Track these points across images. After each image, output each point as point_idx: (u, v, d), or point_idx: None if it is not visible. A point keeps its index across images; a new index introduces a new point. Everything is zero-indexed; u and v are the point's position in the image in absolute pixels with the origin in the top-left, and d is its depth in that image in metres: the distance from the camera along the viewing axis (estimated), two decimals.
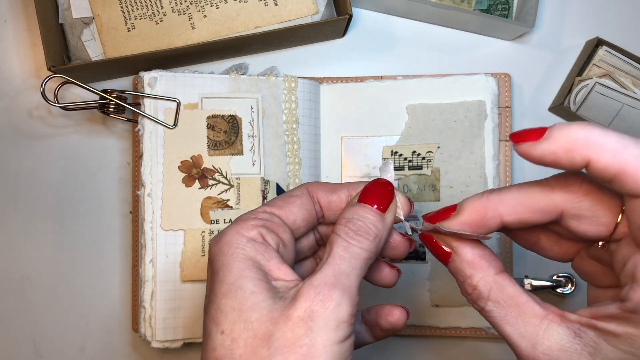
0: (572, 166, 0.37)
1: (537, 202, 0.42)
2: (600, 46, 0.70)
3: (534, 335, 0.40)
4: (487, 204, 0.43)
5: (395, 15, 0.74)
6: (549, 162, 0.39)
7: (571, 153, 0.37)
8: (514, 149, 0.41)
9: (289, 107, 0.69)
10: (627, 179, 0.35)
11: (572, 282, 0.69)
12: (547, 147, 0.39)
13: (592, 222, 0.40)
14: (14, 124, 0.72)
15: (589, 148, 0.36)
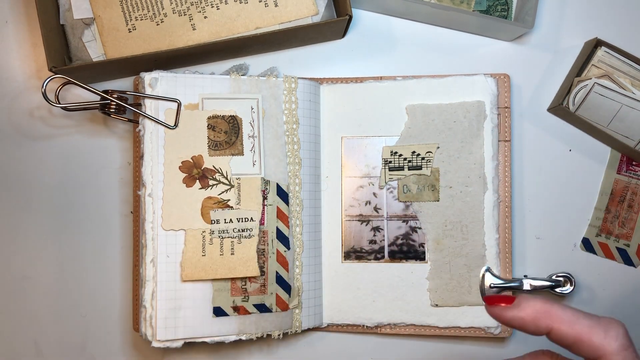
0: (536, 331, 0.45)
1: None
2: (599, 47, 0.70)
3: None
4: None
5: (394, 16, 0.74)
6: (517, 326, 0.46)
7: (537, 321, 0.45)
8: (486, 309, 0.48)
9: (289, 107, 0.69)
10: (583, 345, 0.43)
11: (571, 282, 0.69)
12: (517, 314, 0.46)
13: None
14: (15, 124, 0.73)
15: (551, 319, 0.44)
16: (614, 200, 0.72)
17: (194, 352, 0.71)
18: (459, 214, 0.69)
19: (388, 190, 0.70)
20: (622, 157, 0.72)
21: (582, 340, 0.43)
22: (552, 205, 0.73)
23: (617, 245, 0.72)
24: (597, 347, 0.43)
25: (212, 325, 0.65)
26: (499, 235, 0.69)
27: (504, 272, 0.69)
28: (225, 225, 0.66)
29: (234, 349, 0.72)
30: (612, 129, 0.70)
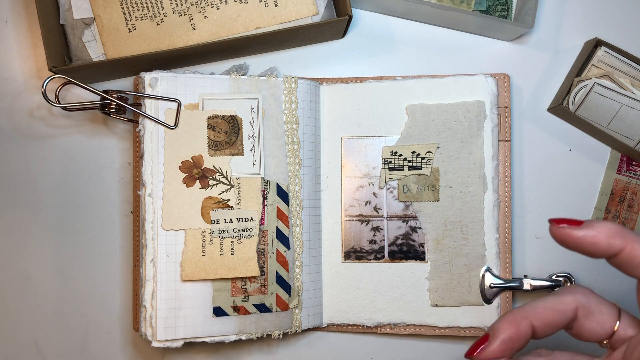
0: (607, 250, 0.45)
1: (557, 305, 0.47)
2: (599, 47, 0.70)
3: None
4: (517, 315, 0.47)
5: (394, 16, 0.74)
6: (587, 245, 0.45)
7: (612, 239, 0.44)
8: (552, 230, 0.47)
9: (289, 107, 0.69)
10: None
11: (571, 281, 0.69)
12: (589, 232, 0.45)
13: (599, 319, 0.47)
14: (15, 124, 0.73)
15: (626, 238, 0.44)
16: (614, 200, 0.72)
17: (194, 352, 0.72)
18: (459, 214, 0.69)
19: (388, 190, 0.70)
20: (622, 157, 0.72)
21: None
22: (552, 205, 0.73)
23: None
24: None
25: (212, 325, 0.65)
26: (499, 235, 0.69)
27: (504, 272, 0.69)
28: (225, 225, 0.66)
29: (234, 349, 0.72)
30: (612, 129, 0.70)
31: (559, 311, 0.47)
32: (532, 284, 0.68)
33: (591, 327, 0.48)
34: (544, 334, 0.48)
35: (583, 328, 0.48)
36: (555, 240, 0.47)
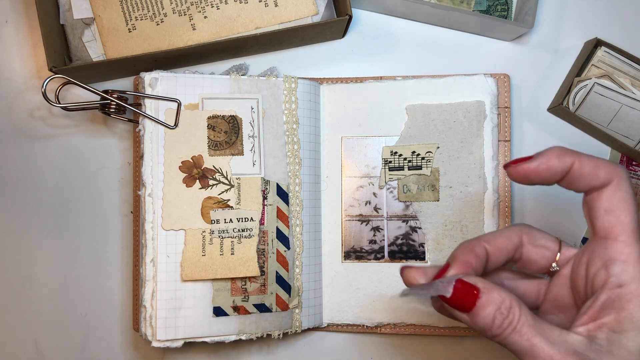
0: (562, 168, 0.48)
1: (505, 232, 0.51)
2: (599, 47, 0.70)
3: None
4: (471, 241, 0.50)
5: (394, 16, 0.74)
6: (543, 171, 0.48)
7: (562, 157, 0.47)
8: (511, 173, 0.50)
9: (289, 107, 0.69)
10: (600, 171, 0.47)
11: None
12: (541, 159, 0.48)
13: (542, 243, 0.52)
14: (16, 124, 0.73)
15: (572, 154, 0.48)
16: None
17: (194, 352, 0.72)
18: (458, 214, 0.69)
19: (388, 190, 0.70)
20: (622, 157, 0.72)
21: (600, 166, 0.47)
22: (552, 205, 0.73)
23: None
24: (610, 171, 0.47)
25: (212, 325, 0.65)
26: None
27: None
28: (225, 225, 0.66)
29: (234, 348, 0.72)
30: (612, 129, 0.70)
31: (507, 236, 0.51)
32: None
33: (537, 254, 0.51)
34: (496, 259, 0.50)
35: (530, 258, 0.52)
36: (516, 180, 0.50)
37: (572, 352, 0.44)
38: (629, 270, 0.45)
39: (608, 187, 0.47)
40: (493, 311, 0.45)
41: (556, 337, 0.45)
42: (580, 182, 0.48)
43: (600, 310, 0.45)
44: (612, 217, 0.46)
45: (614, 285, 0.45)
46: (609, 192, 0.47)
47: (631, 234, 0.46)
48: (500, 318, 0.45)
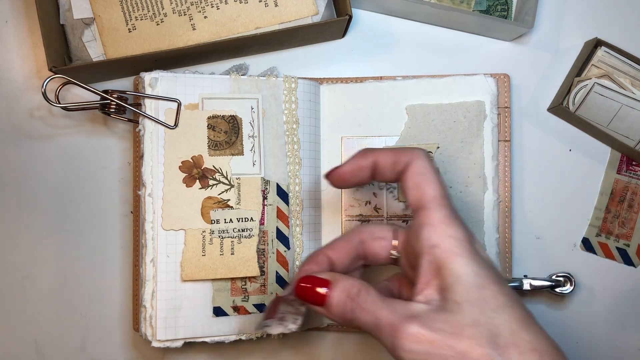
0: (368, 164, 0.55)
1: (347, 235, 0.57)
2: (599, 47, 0.70)
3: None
4: (314, 253, 0.57)
5: (394, 16, 0.74)
6: (354, 170, 0.56)
7: (366, 155, 0.55)
8: (331, 180, 0.58)
9: (289, 107, 0.69)
10: (401, 158, 0.53)
11: (571, 281, 0.69)
12: (351, 161, 0.56)
13: (380, 235, 0.56)
14: (15, 124, 0.73)
15: (373, 152, 0.55)
16: (614, 200, 0.72)
17: (194, 352, 0.72)
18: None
19: (388, 190, 0.70)
20: (622, 157, 0.72)
21: (400, 153, 0.54)
22: (552, 205, 0.73)
23: (617, 245, 0.72)
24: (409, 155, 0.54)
25: (212, 325, 0.65)
26: (498, 235, 0.69)
27: (504, 272, 0.69)
28: (225, 225, 0.66)
29: (234, 349, 0.72)
30: (612, 129, 0.70)
31: (346, 239, 0.57)
32: (532, 283, 0.68)
33: (377, 247, 0.56)
34: (341, 261, 0.56)
35: (373, 251, 0.56)
36: (336, 185, 0.58)
37: (412, 316, 0.47)
38: (438, 231, 0.49)
39: (410, 168, 0.53)
40: (344, 298, 0.51)
41: (399, 308, 0.48)
42: (387, 172, 0.55)
43: (429, 274, 0.49)
44: (417, 192, 0.52)
45: (428, 247, 0.49)
46: (411, 172, 0.53)
47: (435, 201, 0.51)
48: (350, 302, 0.50)
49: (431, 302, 0.48)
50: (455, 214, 0.51)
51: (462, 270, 0.48)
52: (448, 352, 0.45)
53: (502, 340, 0.45)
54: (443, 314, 0.47)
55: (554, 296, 0.72)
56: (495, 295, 0.47)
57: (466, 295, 0.47)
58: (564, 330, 0.72)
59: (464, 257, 0.48)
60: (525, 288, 0.68)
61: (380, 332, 0.49)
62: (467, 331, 0.46)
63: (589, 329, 0.72)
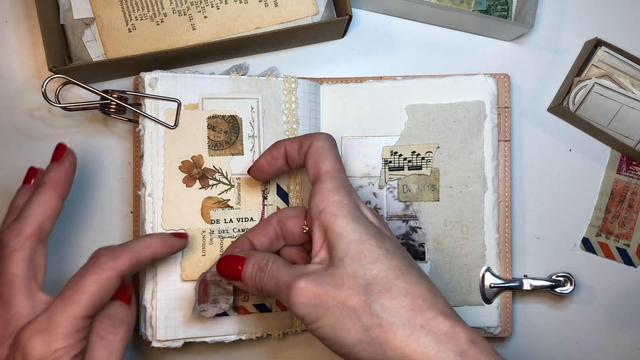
0: (280, 152, 0.61)
1: (266, 225, 0.62)
2: (599, 47, 0.70)
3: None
4: (238, 239, 0.62)
5: (394, 16, 0.74)
6: (270, 161, 0.62)
7: (278, 145, 0.61)
8: (252, 174, 0.64)
9: (289, 107, 0.69)
10: (304, 142, 0.59)
11: (571, 281, 0.69)
12: (266, 153, 0.62)
13: (293, 215, 0.61)
14: (16, 124, 0.73)
15: (284, 141, 0.61)
16: (614, 200, 0.72)
17: (194, 352, 0.71)
18: (458, 214, 0.69)
19: (388, 190, 0.70)
20: (622, 157, 0.72)
21: (303, 138, 0.60)
22: (552, 205, 0.73)
23: (617, 245, 0.72)
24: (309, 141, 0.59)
25: (212, 325, 0.65)
26: (499, 235, 0.69)
27: (504, 272, 0.69)
28: (225, 225, 0.66)
29: (235, 349, 0.72)
30: (612, 129, 0.70)
31: (264, 222, 0.62)
32: (532, 283, 0.69)
33: (292, 225, 0.61)
34: (261, 242, 0.61)
35: (288, 230, 0.61)
36: (258, 178, 0.64)
37: (305, 274, 0.52)
38: (324, 198, 0.55)
39: (310, 149, 0.58)
40: (255, 269, 0.56)
41: (297, 270, 0.53)
42: (295, 156, 0.60)
43: (320, 238, 0.55)
44: (315, 168, 0.57)
45: (317, 213, 0.55)
46: (310, 152, 0.58)
47: (327, 174, 0.56)
48: (259, 272, 0.55)
49: (323, 262, 0.54)
50: (344, 184, 0.57)
51: (343, 228, 0.53)
52: (331, 302, 0.50)
53: (376, 288, 0.50)
54: (330, 269, 0.52)
55: (554, 296, 0.71)
56: (372, 248, 0.52)
57: (347, 250, 0.52)
58: (564, 330, 0.72)
59: (344, 217, 0.53)
60: (526, 288, 0.68)
61: (280, 292, 0.53)
62: (347, 282, 0.51)
63: (588, 329, 0.72)
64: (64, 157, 0.61)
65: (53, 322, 0.51)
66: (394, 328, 0.49)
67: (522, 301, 0.72)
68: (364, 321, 0.50)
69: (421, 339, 0.49)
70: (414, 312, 0.50)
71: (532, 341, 0.72)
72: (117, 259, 0.55)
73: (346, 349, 0.51)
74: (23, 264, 0.55)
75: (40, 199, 0.58)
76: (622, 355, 0.72)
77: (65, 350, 0.51)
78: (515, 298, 0.72)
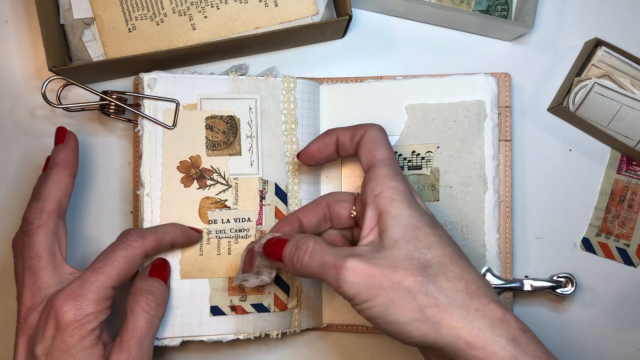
0: (332, 140, 0.63)
1: (315, 206, 0.64)
2: (599, 47, 0.70)
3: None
4: (287, 215, 0.65)
5: (394, 15, 0.74)
6: (321, 147, 0.64)
7: (330, 133, 0.63)
8: (302, 159, 0.65)
9: (288, 107, 0.69)
10: (357, 131, 0.62)
11: (572, 282, 0.69)
12: (317, 140, 0.64)
13: (345, 203, 0.64)
14: (16, 123, 0.73)
15: (336, 129, 0.63)
16: (613, 200, 0.72)
17: (192, 351, 0.72)
18: (459, 214, 0.69)
19: None
20: (622, 157, 0.72)
21: (356, 127, 0.62)
22: (552, 205, 0.73)
23: (617, 245, 0.72)
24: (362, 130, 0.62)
25: (210, 324, 0.66)
26: (499, 235, 0.69)
27: (505, 273, 0.69)
28: (223, 225, 0.66)
29: (232, 348, 0.72)
30: (612, 129, 0.70)
31: (315, 203, 0.65)
32: (533, 284, 0.68)
33: (340, 208, 0.63)
34: (309, 222, 0.63)
35: (337, 213, 0.64)
36: (308, 164, 0.66)
37: (353, 255, 0.53)
38: (380, 183, 0.56)
39: (363, 137, 0.61)
40: (295, 249, 0.57)
41: (343, 252, 0.54)
42: (347, 144, 0.62)
43: (372, 221, 0.56)
44: (369, 156, 0.59)
45: (372, 197, 0.56)
46: (364, 140, 0.60)
47: (382, 161, 0.58)
48: (296, 251, 0.56)
49: (372, 244, 0.55)
50: (398, 172, 0.58)
51: (400, 212, 0.55)
52: (385, 282, 0.51)
53: (432, 270, 0.52)
54: (382, 251, 0.53)
55: (555, 297, 0.71)
56: (427, 235, 0.54)
57: (402, 234, 0.53)
58: (564, 330, 0.72)
59: (401, 202, 0.55)
60: (526, 289, 0.68)
61: (327, 273, 0.54)
62: (402, 264, 0.52)
63: (588, 329, 0.72)
64: (67, 139, 0.64)
65: (85, 289, 0.56)
66: (450, 308, 0.51)
67: (523, 302, 0.72)
68: (419, 300, 0.51)
69: (476, 321, 0.50)
70: (469, 296, 0.51)
71: None
72: (144, 239, 0.60)
73: (399, 327, 0.52)
74: (48, 238, 0.59)
75: (54, 178, 0.61)
76: (622, 355, 0.72)
77: (95, 316, 0.55)
78: (516, 299, 0.72)
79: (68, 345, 0.54)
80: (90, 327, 0.55)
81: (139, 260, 0.59)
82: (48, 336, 0.55)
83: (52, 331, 0.55)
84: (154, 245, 0.60)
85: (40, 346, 0.55)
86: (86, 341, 0.55)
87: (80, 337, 0.54)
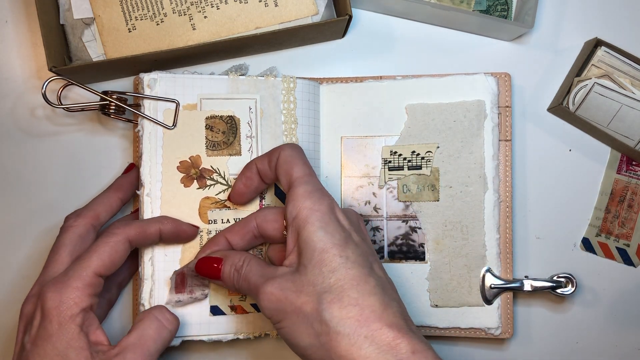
0: (254, 172, 0.64)
1: (245, 224, 0.64)
2: (599, 47, 0.70)
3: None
4: (215, 236, 0.65)
5: (394, 15, 0.74)
6: (247, 183, 0.65)
7: (250, 167, 0.64)
8: (233, 202, 0.66)
9: (288, 107, 0.69)
10: (272, 156, 0.62)
11: (572, 282, 0.69)
12: (239, 179, 0.65)
13: (274, 223, 0.62)
14: (17, 123, 0.73)
15: (254, 161, 0.64)
16: (613, 200, 0.72)
17: (192, 350, 0.72)
18: (459, 214, 0.69)
19: (388, 190, 0.70)
20: (622, 157, 0.72)
21: (270, 152, 0.63)
22: (552, 205, 0.73)
23: (617, 245, 0.72)
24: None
25: (210, 324, 0.66)
26: (499, 235, 0.69)
27: (505, 273, 0.69)
28: (223, 225, 0.66)
29: (232, 348, 0.72)
30: (612, 129, 0.70)
31: (245, 224, 0.63)
32: (533, 284, 0.68)
33: (270, 229, 0.62)
34: (237, 242, 0.63)
35: (267, 233, 0.62)
36: (240, 204, 0.67)
37: (272, 278, 0.56)
38: (297, 204, 0.57)
39: (279, 159, 0.61)
40: (232, 270, 0.59)
41: (267, 272, 0.57)
42: (268, 172, 0.63)
43: (292, 242, 0.57)
44: (287, 176, 0.60)
45: (291, 219, 0.57)
46: (280, 161, 0.61)
47: (298, 180, 0.59)
48: (236, 273, 0.59)
49: (292, 265, 0.57)
50: (316, 187, 0.59)
51: (309, 236, 0.55)
52: (289, 307, 0.54)
53: (329, 296, 0.53)
54: (294, 275, 0.55)
55: (555, 297, 0.71)
56: (334, 257, 0.54)
57: (310, 258, 0.55)
58: (564, 330, 0.72)
59: (313, 224, 0.56)
60: (526, 289, 0.68)
61: (251, 293, 0.58)
62: (306, 289, 0.54)
63: (588, 329, 0.72)
64: (130, 171, 0.69)
65: (67, 276, 0.57)
66: (339, 337, 0.52)
67: (523, 302, 0.72)
68: (315, 327, 0.53)
69: (363, 349, 0.51)
70: (359, 323, 0.52)
71: (532, 342, 0.72)
72: (127, 227, 0.61)
73: (301, 351, 0.55)
74: (72, 238, 0.61)
75: (104, 196, 0.66)
76: (622, 355, 0.72)
77: (75, 302, 0.56)
78: (516, 299, 0.72)
79: (48, 332, 0.55)
80: (69, 313, 0.55)
81: (121, 246, 0.60)
82: (35, 325, 0.56)
83: (38, 319, 0.56)
84: (137, 232, 0.61)
85: (28, 335, 0.57)
86: (66, 329, 0.55)
87: (59, 323, 0.55)
